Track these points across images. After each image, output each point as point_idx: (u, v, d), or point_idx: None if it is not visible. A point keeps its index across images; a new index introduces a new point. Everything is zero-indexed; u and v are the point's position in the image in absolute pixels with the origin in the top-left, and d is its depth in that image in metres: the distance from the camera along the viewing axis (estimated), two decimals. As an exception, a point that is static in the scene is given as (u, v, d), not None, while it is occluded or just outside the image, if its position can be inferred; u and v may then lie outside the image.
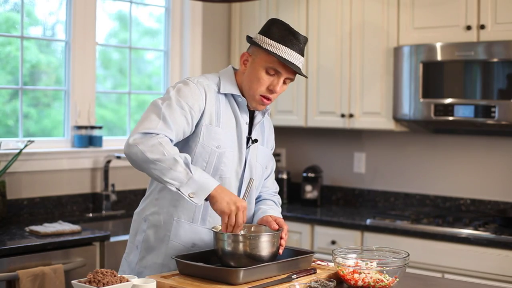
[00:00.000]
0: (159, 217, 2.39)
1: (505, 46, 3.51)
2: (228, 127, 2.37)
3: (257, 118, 2.47)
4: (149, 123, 2.21)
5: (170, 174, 2.14)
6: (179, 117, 2.25)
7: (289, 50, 2.32)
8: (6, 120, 3.81)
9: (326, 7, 4.24)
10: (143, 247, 2.42)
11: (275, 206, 2.57)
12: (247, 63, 2.39)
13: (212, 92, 2.36)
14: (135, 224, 2.48)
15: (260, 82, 2.34)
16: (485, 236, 3.41)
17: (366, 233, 3.80)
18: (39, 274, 3.04)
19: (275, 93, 2.35)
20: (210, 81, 2.38)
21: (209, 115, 2.33)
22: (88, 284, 1.91)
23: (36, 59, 3.97)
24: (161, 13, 4.53)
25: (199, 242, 2.38)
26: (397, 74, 3.91)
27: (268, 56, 2.33)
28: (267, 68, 2.33)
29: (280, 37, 2.32)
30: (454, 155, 4.11)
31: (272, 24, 2.37)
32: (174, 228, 2.36)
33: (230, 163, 2.36)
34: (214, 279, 2.11)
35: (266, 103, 2.38)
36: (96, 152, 3.98)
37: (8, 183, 3.57)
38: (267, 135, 2.56)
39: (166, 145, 2.16)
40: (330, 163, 4.64)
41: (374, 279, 2.17)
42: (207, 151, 2.32)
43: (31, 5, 3.90)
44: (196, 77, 2.38)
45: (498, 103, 3.52)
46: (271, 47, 2.31)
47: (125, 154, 2.21)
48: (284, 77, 2.35)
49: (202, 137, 2.32)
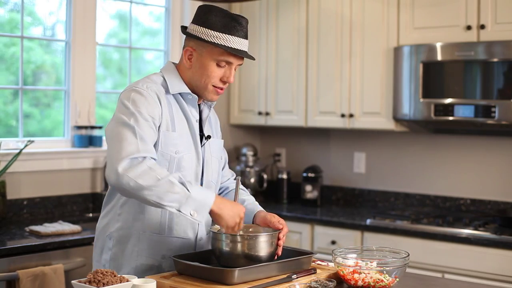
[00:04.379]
0: (124, 232, 2.30)
1: (505, 46, 3.51)
2: (182, 129, 2.29)
3: (205, 113, 2.40)
4: (128, 146, 2.11)
5: (168, 197, 2.07)
6: (148, 130, 2.17)
7: (235, 38, 2.22)
8: (8, 120, 3.81)
9: (326, 7, 4.24)
10: (112, 266, 2.32)
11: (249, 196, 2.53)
12: (192, 58, 2.28)
13: (163, 95, 2.26)
14: (98, 242, 2.37)
15: (212, 75, 2.26)
16: (485, 236, 3.41)
17: (366, 233, 3.80)
18: (39, 274, 3.04)
19: (228, 82, 2.30)
20: (157, 85, 2.28)
21: (165, 121, 2.25)
22: (88, 284, 1.91)
23: (41, 60, 3.97)
24: (161, 13, 4.53)
25: (168, 252, 2.31)
26: (397, 74, 3.91)
27: (215, 49, 2.23)
28: (217, 61, 2.24)
29: (223, 27, 2.22)
30: (454, 155, 4.11)
31: (208, 12, 2.24)
32: (141, 242, 2.29)
33: (189, 166, 2.30)
34: (210, 279, 2.10)
35: (220, 93, 2.31)
36: (96, 152, 3.98)
37: (8, 183, 3.57)
38: (214, 125, 2.49)
39: (157, 169, 2.09)
40: (330, 163, 4.64)
41: (374, 279, 2.17)
42: (166, 159, 2.24)
43: (31, 5, 3.90)
44: (142, 83, 2.26)
45: (498, 103, 3.52)
46: (217, 39, 2.21)
47: (114, 185, 2.09)
48: (235, 65, 2.29)
49: (160, 145, 2.23)
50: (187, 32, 2.29)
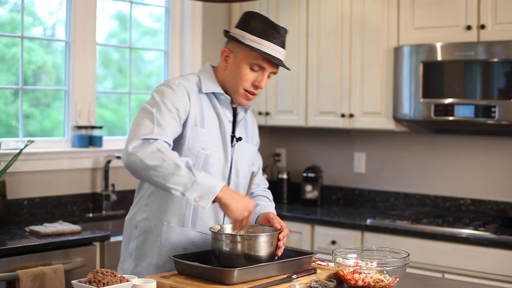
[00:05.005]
0: (149, 222, 2.37)
1: (505, 46, 3.51)
2: (211, 128, 2.34)
3: (240, 116, 2.44)
4: (144, 129, 2.18)
5: (173, 180, 2.11)
6: (170, 120, 2.23)
7: (272, 44, 2.28)
8: (9, 121, 3.82)
9: (326, 7, 4.24)
10: (136, 255, 2.40)
11: (268, 201, 2.56)
12: (228, 59, 2.35)
13: (194, 93, 2.33)
14: (127, 231, 2.46)
15: (244, 78, 2.31)
16: (485, 236, 3.41)
17: (366, 233, 3.80)
18: (39, 274, 3.04)
19: (260, 88, 2.34)
20: (190, 82, 2.35)
21: (193, 117, 2.31)
22: (88, 284, 1.91)
23: (42, 60, 3.97)
24: (161, 13, 4.53)
25: (190, 246, 2.36)
26: (397, 74, 3.91)
27: (251, 52, 2.29)
28: (251, 64, 2.30)
29: (261, 32, 2.28)
30: (454, 155, 4.12)
31: (250, 18, 2.33)
32: (165, 233, 2.34)
33: (216, 164, 2.34)
34: (209, 279, 2.11)
35: (250, 98, 2.36)
36: (96, 152, 3.98)
37: (8, 183, 3.57)
38: (251, 131, 2.53)
39: (165, 151, 2.14)
40: (330, 163, 4.64)
41: (374, 279, 2.17)
42: (194, 153, 2.30)
43: (31, 5, 3.90)
44: (176, 79, 2.35)
45: (498, 103, 3.52)
46: (254, 42, 2.27)
47: (124, 163, 2.17)
48: (269, 72, 2.33)
49: (188, 139, 2.30)
50: (227, 35, 2.36)
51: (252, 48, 2.27)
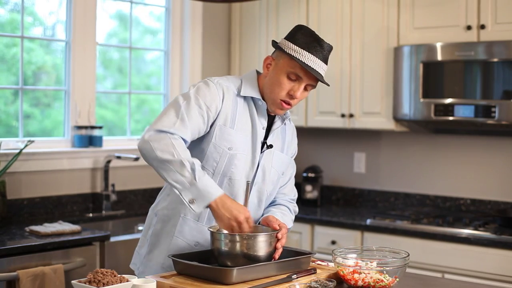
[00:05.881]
0: (168, 212, 2.43)
1: (505, 46, 3.51)
2: (243, 130, 2.37)
3: (276, 124, 2.46)
4: (167, 121, 2.23)
5: (175, 177, 2.17)
6: (196, 116, 2.27)
7: (313, 56, 2.31)
8: (9, 121, 3.82)
9: (326, 7, 4.24)
10: (151, 241, 2.46)
11: (288, 212, 2.54)
12: (270, 66, 2.39)
13: (231, 94, 2.37)
14: (148, 218, 2.53)
15: (281, 86, 2.34)
16: (485, 236, 3.41)
17: (366, 233, 3.80)
18: (39, 274, 3.04)
19: (295, 98, 2.35)
20: (230, 83, 2.39)
21: (224, 116, 2.34)
22: (88, 284, 1.91)
23: (42, 60, 3.97)
24: (161, 13, 4.53)
25: (203, 241, 2.39)
26: (397, 74, 3.91)
27: (290, 61, 2.32)
28: (288, 72, 2.33)
29: (304, 43, 2.32)
30: (454, 155, 4.12)
31: (298, 30, 2.37)
32: (180, 224, 2.39)
33: (242, 166, 2.36)
34: (208, 279, 2.11)
35: (285, 108, 2.38)
36: (96, 152, 3.98)
37: (8, 183, 3.57)
38: (288, 142, 2.54)
39: (178, 147, 2.18)
40: (330, 163, 4.64)
41: (374, 279, 2.17)
42: (219, 152, 2.33)
43: (31, 5, 3.90)
44: (217, 78, 2.40)
45: (498, 103, 3.52)
46: (295, 52, 2.31)
47: (138, 147, 2.25)
48: (305, 83, 2.35)
49: (215, 137, 2.33)
50: (274, 43, 2.41)
51: (292, 57, 2.30)
